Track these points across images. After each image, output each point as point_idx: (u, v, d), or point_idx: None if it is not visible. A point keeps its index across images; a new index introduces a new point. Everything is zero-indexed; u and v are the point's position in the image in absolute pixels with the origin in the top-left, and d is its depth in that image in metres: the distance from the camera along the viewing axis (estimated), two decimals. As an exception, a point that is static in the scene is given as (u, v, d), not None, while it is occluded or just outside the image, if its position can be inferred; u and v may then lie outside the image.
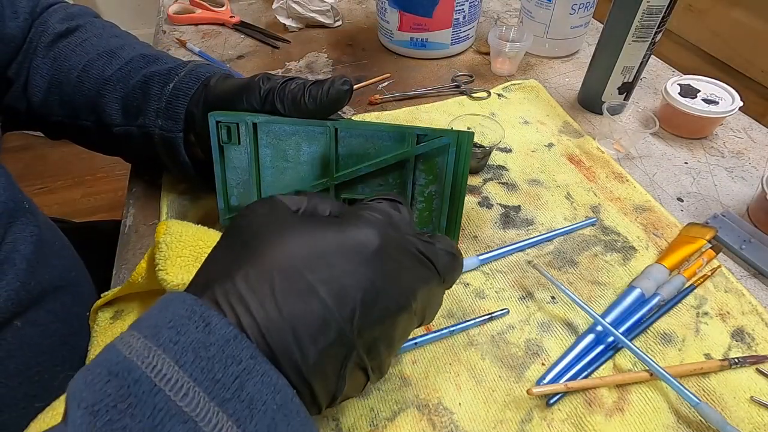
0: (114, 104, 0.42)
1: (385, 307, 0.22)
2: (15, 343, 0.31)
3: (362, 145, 0.35)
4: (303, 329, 0.20)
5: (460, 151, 0.34)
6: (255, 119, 0.34)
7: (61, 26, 0.45)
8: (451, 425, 0.32)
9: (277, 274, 0.21)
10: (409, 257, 0.24)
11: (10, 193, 0.32)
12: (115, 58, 0.43)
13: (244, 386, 0.18)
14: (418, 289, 0.24)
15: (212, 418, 0.17)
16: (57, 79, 0.43)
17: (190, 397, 0.17)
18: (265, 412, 0.18)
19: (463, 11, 0.66)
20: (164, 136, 0.40)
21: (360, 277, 0.22)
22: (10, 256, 0.31)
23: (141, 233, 0.45)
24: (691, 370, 0.35)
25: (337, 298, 0.21)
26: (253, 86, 0.35)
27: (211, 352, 0.18)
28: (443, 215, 0.37)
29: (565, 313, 0.39)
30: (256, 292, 0.20)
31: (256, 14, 0.83)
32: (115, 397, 0.17)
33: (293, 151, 0.35)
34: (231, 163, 0.37)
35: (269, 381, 0.19)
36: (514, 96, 0.62)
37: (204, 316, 0.19)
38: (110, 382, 0.17)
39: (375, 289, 0.22)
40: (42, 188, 1.64)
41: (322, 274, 0.21)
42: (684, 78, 0.58)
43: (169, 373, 0.17)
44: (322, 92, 0.32)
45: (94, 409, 0.16)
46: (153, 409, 0.17)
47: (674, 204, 0.49)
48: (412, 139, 0.34)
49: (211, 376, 0.18)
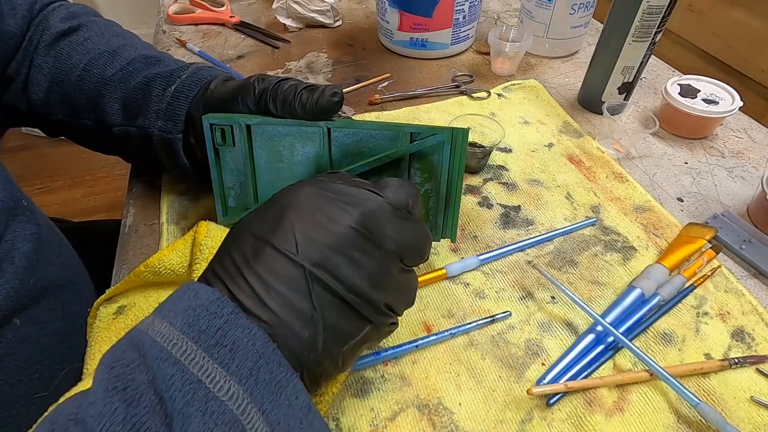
0: (114, 104, 0.42)
1: (327, 229, 0.24)
2: (15, 340, 0.31)
3: (356, 144, 0.34)
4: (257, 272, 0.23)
5: (455, 149, 0.34)
6: (248, 121, 0.34)
7: (63, 25, 0.45)
8: (451, 425, 0.32)
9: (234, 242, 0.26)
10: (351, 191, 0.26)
11: (9, 192, 0.33)
12: (116, 58, 0.43)
13: (226, 335, 0.21)
14: (359, 212, 0.25)
15: (199, 360, 0.20)
16: (58, 77, 0.43)
17: (179, 345, 0.21)
18: (246, 356, 0.21)
19: (463, 11, 0.66)
20: (164, 137, 0.40)
21: (297, 218, 0.25)
22: (9, 254, 0.31)
23: (141, 233, 0.45)
24: (691, 370, 0.35)
25: (279, 239, 0.24)
26: (248, 87, 0.35)
27: (197, 312, 0.22)
28: (440, 213, 0.37)
29: (565, 313, 0.39)
30: (222, 260, 0.25)
31: (256, 14, 0.83)
32: (130, 358, 0.21)
33: (287, 152, 0.35)
34: (227, 165, 0.36)
35: (249, 332, 0.22)
36: (514, 96, 0.63)
37: (194, 289, 0.23)
38: (128, 350, 0.21)
39: (311, 218, 0.25)
40: (42, 188, 1.64)
41: (264, 228, 0.25)
42: (684, 78, 0.58)
43: (165, 331, 0.21)
44: (311, 100, 0.33)
45: (111, 366, 0.21)
46: (152, 359, 0.20)
47: (674, 204, 0.49)
48: (406, 138, 0.34)
49: (197, 328, 0.21)
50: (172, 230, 0.44)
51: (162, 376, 0.20)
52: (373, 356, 0.35)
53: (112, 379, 0.20)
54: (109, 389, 0.20)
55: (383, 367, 0.35)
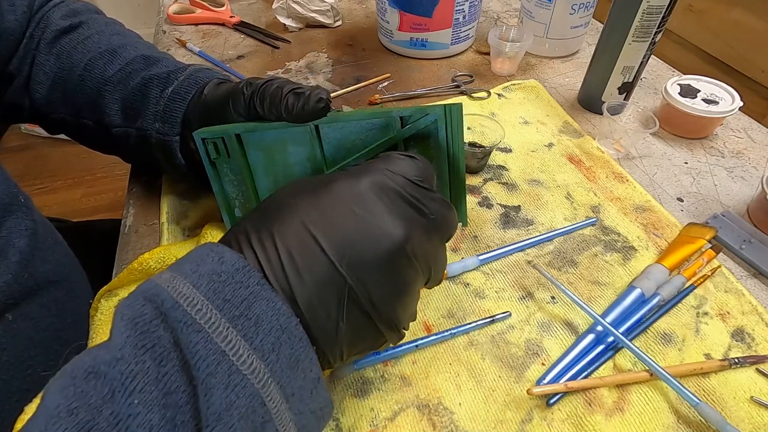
0: (114, 105, 0.42)
1: (377, 244, 0.24)
2: (7, 336, 0.31)
3: (347, 137, 0.33)
4: (297, 262, 0.23)
5: (451, 126, 0.32)
6: (236, 130, 0.34)
7: (64, 22, 0.45)
8: (451, 425, 0.32)
9: (278, 219, 0.24)
10: (401, 201, 0.26)
11: (5, 187, 0.33)
12: (116, 58, 0.43)
13: (251, 307, 0.21)
14: (411, 231, 0.25)
15: (223, 330, 0.20)
16: (60, 76, 0.43)
17: (203, 312, 0.20)
18: (269, 331, 0.21)
19: (463, 11, 0.66)
20: (161, 139, 0.40)
21: (348, 217, 0.24)
22: (3, 249, 0.31)
23: (141, 233, 0.45)
24: (691, 370, 0.35)
25: (327, 237, 0.23)
26: (237, 93, 0.35)
27: (222, 278, 0.21)
28: (445, 197, 0.34)
29: (565, 313, 0.39)
30: (260, 231, 0.24)
31: (256, 14, 0.82)
32: (151, 314, 0.20)
33: (281, 155, 0.34)
34: (226, 177, 0.36)
35: (273, 306, 0.21)
36: (514, 96, 0.62)
37: (218, 252, 0.23)
38: (145, 305, 0.21)
39: (364, 226, 0.24)
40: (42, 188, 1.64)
41: (315, 218, 0.24)
42: (684, 78, 0.58)
43: (187, 292, 0.21)
44: (297, 106, 0.32)
45: (134, 321, 0.20)
46: (176, 322, 0.20)
47: (674, 204, 0.49)
48: (397, 123, 0.32)
49: (222, 296, 0.21)
50: (172, 230, 0.44)
51: (186, 342, 0.20)
52: (373, 356, 0.35)
53: (138, 335, 0.20)
54: (138, 346, 0.19)
55: (383, 367, 0.35)
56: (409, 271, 0.25)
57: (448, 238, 0.29)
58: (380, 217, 0.24)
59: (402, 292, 0.26)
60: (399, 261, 0.25)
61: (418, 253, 0.25)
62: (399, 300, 0.26)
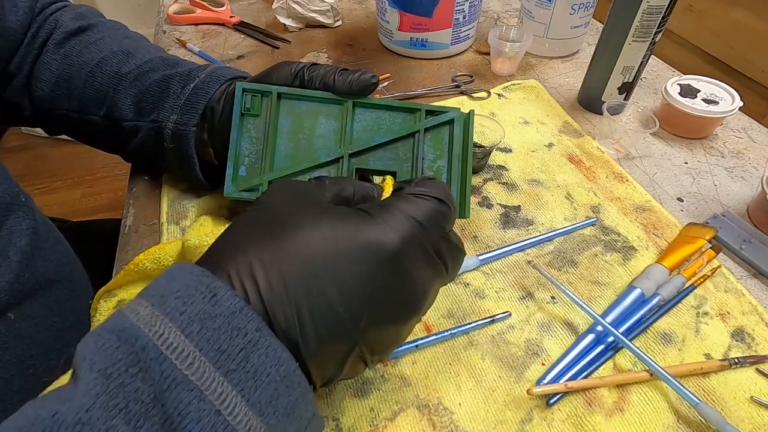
0: (127, 100, 0.43)
1: (394, 310, 0.23)
2: (9, 335, 0.31)
3: (375, 120, 0.38)
4: (307, 316, 0.21)
5: (466, 127, 0.37)
6: (280, 90, 0.37)
7: (74, 24, 0.46)
8: (451, 425, 0.32)
9: (291, 259, 0.21)
10: (426, 259, 0.24)
11: (6, 187, 0.33)
12: (131, 58, 0.44)
13: (248, 358, 0.19)
14: (429, 291, 0.25)
15: (217, 387, 0.18)
16: (67, 73, 0.44)
17: (195, 366, 0.18)
18: (268, 384, 0.19)
19: (463, 11, 0.66)
20: (177, 129, 0.41)
21: (371, 280, 0.22)
22: (5, 248, 0.31)
23: (141, 233, 0.45)
24: (691, 370, 0.35)
25: (344, 297, 0.21)
26: (283, 65, 0.38)
27: (217, 323, 0.19)
28: (451, 189, 0.38)
29: (565, 313, 0.39)
30: (268, 271, 0.21)
31: (256, 14, 0.82)
32: (126, 362, 0.18)
33: (310, 124, 0.38)
34: (248, 133, 0.38)
35: (273, 354, 0.19)
36: (514, 96, 0.62)
37: (211, 288, 0.19)
38: (120, 348, 0.18)
39: (386, 292, 0.22)
40: (42, 188, 1.64)
41: (334, 270, 0.21)
42: (684, 78, 0.58)
43: (176, 341, 0.18)
44: (353, 77, 0.36)
45: (106, 372, 0.17)
46: (160, 376, 0.17)
47: (674, 204, 0.49)
48: (422, 114, 0.38)
49: (217, 347, 0.18)
50: (172, 230, 0.44)
51: (174, 401, 0.17)
52: (373, 356, 0.35)
53: (111, 392, 0.17)
54: (109, 408, 0.17)
55: (383, 367, 0.35)
56: (413, 322, 0.25)
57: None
58: (404, 287, 0.23)
59: (404, 339, 0.26)
60: (415, 320, 0.25)
61: (428, 305, 0.26)
62: (395, 347, 0.26)
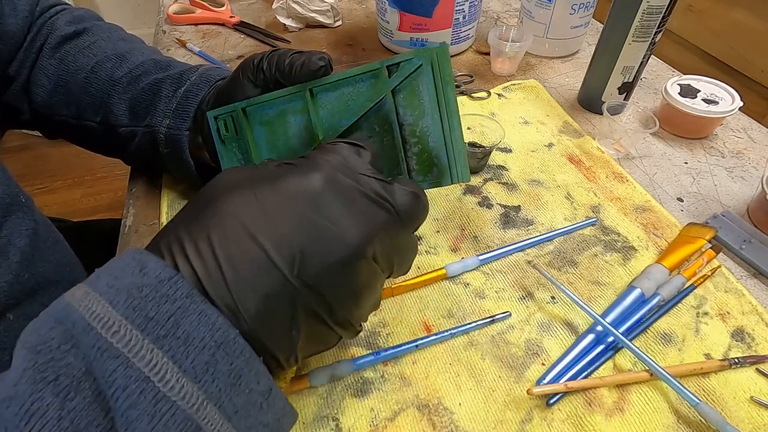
0: (121, 105, 0.43)
1: (331, 251, 0.22)
2: (8, 335, 0.31)
3: (339, 99, 0.32)
4: (241, 276, 0.21)
5: (438, 69, 0.29)
6: (242, 105, 0.36)
7: (69, 28, 0.46)
8: (451, 425, 0.32)
9: (217, 224, 0.21)
10: (361, 199, 0.23)
11: (6, 188, 0.33)
12: (124, 62, 0.44)
13: (179, 324, 0.19)
14: (372, 233, 0.23)
15: (146, 354, 0.18)
16: (63, 79, 0.44)
17: (121, 334, 0.18)
18: (202, 349, 0.19)
19: (463, 11, 0.66)
20: (170, 134, 0.41)
21: (299, 222, 0.22)
22: (4, 248, 0.31)
23: (141, 233, 0.45)
24: (691, 370, 0.35)
25: (275, 246, 0.21)
26: (247, 62, 0.36)
27: (144, 292, 0.19)
28: (442, 150, 0.30)
29: (565, 313, 0.39)
30: (195, 239, 0.21)
31: (256, 14, 0.82)
32: (59, 339, 0.18)
33: (282, 128, 0.36)
34: (234, 156, 0.38)
35: (206, 320, 0.19)
36: (514, 96, 0.62)
37: (140, 261, 0.20)
38: (54, 328, 0.18)
39: (318, 233, 0.22)
40: (42, 188, 1.64)
41: (261, 223, 0.21)
42: (684, 78, 0.58)
43: (102, 312, 0.18)
44: (297, 64, 0.32)
45: (36, 348, 0.18)
46: (89, 348, 0.18)
47: (674, 204, 0.49)
48: (384, 74, 0.30)
49: (144, 314, 0.19)
50: (172, 230, 0.44)
51: (101, 370, 0.17)
52: (373, 356, 0.35)
53: (39, 367, 0.17)
54: (36, 380, 0.17)
55: (383, 367, 0.35)
56: (367, 273, 0.24)
57: (416, 228, 0.27)
58: (337, 221, 0.22)
59: (359, 294, 0.24)
60: (357, 266, 0.23)
61: (380, 254, 0.24)
62: (355, 302, 0.24)
